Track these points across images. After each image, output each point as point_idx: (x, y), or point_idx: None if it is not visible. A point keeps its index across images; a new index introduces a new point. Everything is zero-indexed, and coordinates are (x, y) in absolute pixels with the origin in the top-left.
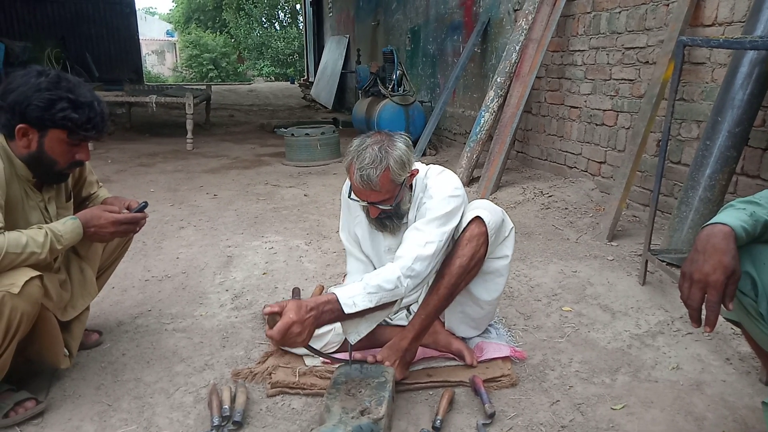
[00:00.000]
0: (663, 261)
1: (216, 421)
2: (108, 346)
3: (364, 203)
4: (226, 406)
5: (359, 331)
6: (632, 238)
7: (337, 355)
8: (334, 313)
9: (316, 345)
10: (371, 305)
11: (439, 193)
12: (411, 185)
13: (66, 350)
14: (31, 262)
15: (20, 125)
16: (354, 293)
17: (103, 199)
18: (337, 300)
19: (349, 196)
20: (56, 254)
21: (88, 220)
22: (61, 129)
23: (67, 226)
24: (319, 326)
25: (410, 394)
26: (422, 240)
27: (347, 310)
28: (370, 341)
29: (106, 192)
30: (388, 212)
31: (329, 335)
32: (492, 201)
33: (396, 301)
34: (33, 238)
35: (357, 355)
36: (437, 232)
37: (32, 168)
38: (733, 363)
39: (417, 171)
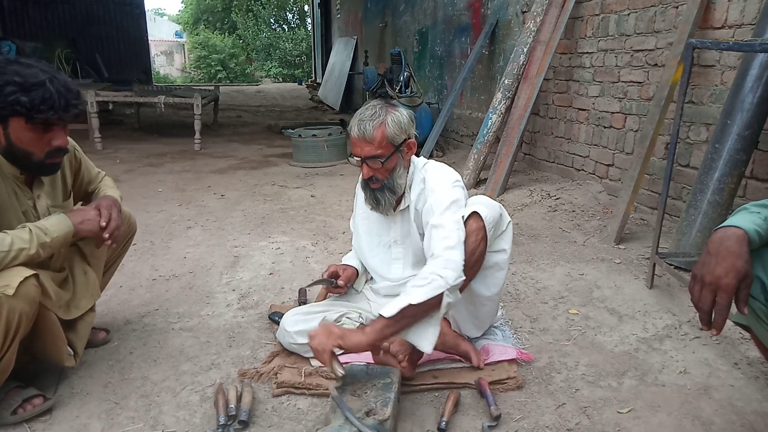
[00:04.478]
0: (671, 264)
1: (222, 420)
2: (115, 344)
3: (358, 159)
4: (232, 406)
5: (427, 338)
6: (640, 241)
7: (356, 356)
8: (388, 327)
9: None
10: (409, 302)
11: (441, 185)
12: (408, 161)
13: (71, 349)
14: (23, 260)
15: None
16: (394, 303)
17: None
18: (381, 316)
19: (349, 156)
20: (49, 249)
21: (75, 214)
22: (18, 116)
23: (51, 219)
24: (381, 341)
25: (416, 395)
26: (443, 233)
27: (386, 314)
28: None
29: (111, 183)
30: (381, 180)
31: None
32: (499, 203)
33: (442, 294)
34: (18, 235)
35: (366, 356)
36: (452, 220)
37: (14, 163)
38: (741, 368)
39: (414, 144)
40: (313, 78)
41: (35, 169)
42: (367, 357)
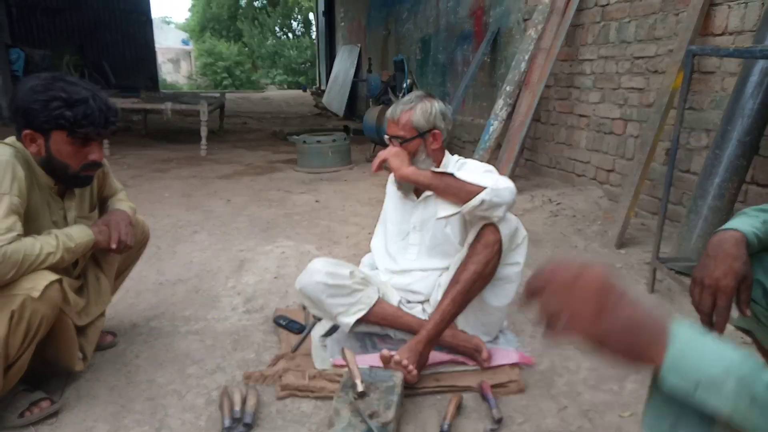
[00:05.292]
0: (671, 269)
1: (227, 423)
2: (122, 347)
3: (388, 137)
4: (237, 408)
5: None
6: (641, 246)
7: (360, 359)
8: (425, 177)
9: (346, 301)
10: (453, 173)
11: (477, 162)
12: (436, 152)
13: (80, 353)
14: (49, 264)
15: (26, 131)
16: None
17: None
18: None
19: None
20: (73, 254)
21: (93, 226)
22: (61, 129)
23: (74, 228)
24: (412, 180)
25: (418, 398)
26: (488, 177)
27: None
28: (388, 321)
29: (124, 198)
30: None
31: (360, 294)
32: (516, 216)
33: (481, 191)
34: (46, 241)
35: (370, 360)
36: (488, 173)
37: (50, 174)
38: None
39: (440, 136)
40: (318, 85)
41: (70, 181)
42: (372, 362)
